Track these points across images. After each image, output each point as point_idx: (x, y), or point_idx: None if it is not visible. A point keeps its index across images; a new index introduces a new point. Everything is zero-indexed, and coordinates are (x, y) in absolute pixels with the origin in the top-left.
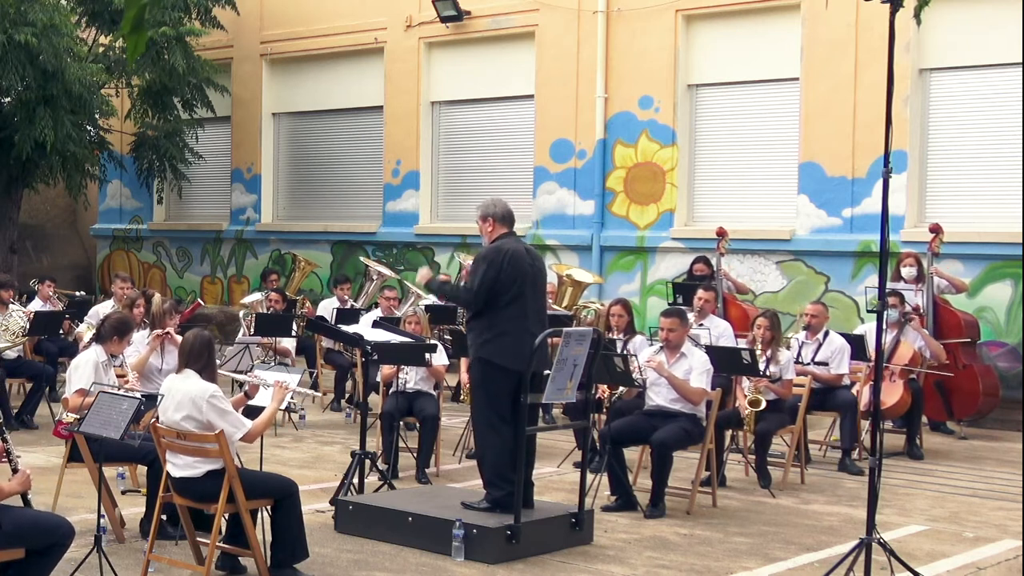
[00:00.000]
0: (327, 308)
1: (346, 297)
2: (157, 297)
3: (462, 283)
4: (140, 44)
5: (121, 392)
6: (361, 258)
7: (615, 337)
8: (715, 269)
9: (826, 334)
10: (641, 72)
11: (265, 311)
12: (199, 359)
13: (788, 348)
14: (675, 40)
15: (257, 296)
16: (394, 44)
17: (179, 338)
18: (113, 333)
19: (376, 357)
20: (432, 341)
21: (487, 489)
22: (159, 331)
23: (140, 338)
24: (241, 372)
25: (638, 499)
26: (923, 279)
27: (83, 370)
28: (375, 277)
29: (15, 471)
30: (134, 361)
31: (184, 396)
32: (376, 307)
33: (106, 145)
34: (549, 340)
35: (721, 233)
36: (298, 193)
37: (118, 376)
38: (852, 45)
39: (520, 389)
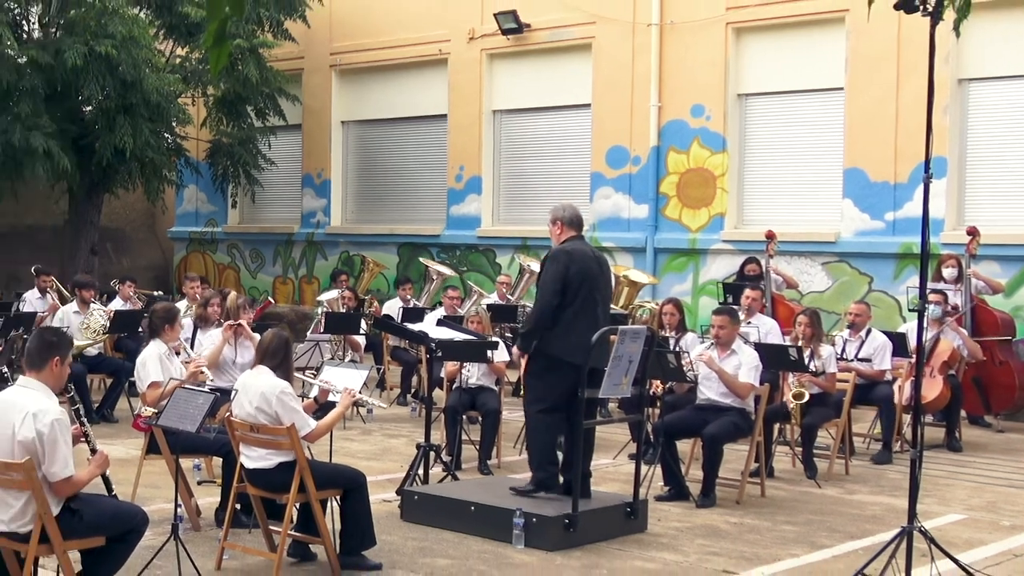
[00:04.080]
0: (393, 308)
1: (408, 297)
2: (232, 294)
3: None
4: (222, 57)
5: (196, 387)
6: (420, 259)
7: (668, 335)
8: (764, 270)
9: (869, 332)
10: (693, 82)
11: (341, 308)
12: (274, 357)
13: (833, 344)
14: (725, 52)
15: (334, 294)
16: (457, 55)
17: (252, 333)
18: (163, 323)
19: (440, 354)
20: (494, 339)
21: (533, 472)
22: (231, 322)
23: (217, 335)
24: (312, 369)
25: (690, 489)
26: (962, 279)
27: (150, 365)
28: (435, 277)
29: (93, 452)
30: (208, 353)
31: (256, 391)
32: (440, 306)
33: (183, 152)
34: (604, 338)
35: (770, 236)
36: (366, 197)
37: (184, 363)
38: (894, 57)
39: (578, 383)
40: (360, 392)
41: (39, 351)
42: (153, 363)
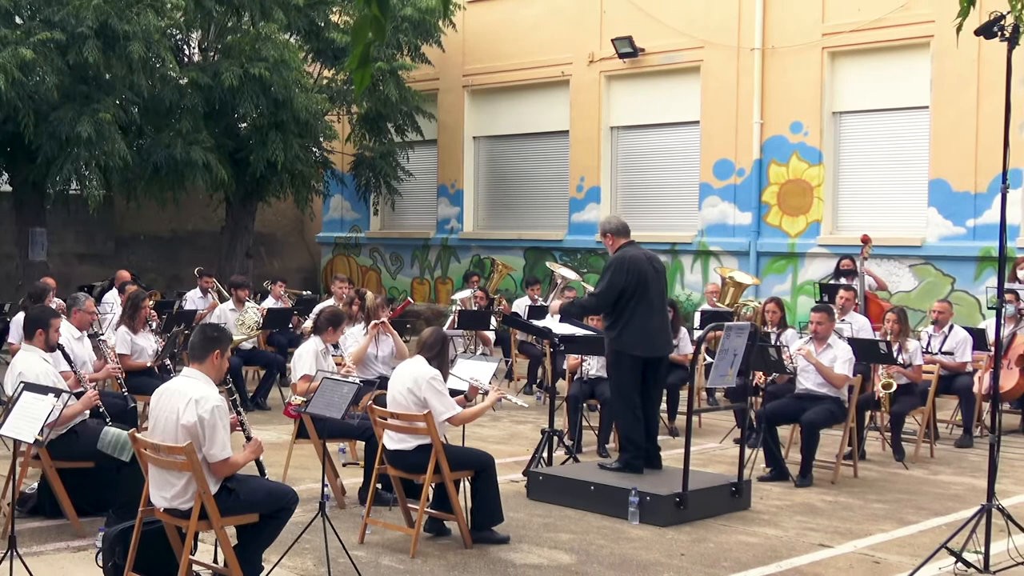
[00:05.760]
0: (521, 306)
1: (536, 297)
2: (370, 295)
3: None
4: (366, 78)
5: (341, 378)
6: (548, 263)
7: (769, 331)
8: (858, 270)
9: (951, 328)
10: (792, 101)
11: (473, 307)
12: (431, 350)
13: (919, 339)
14: (822, 73)
15: (467, 293)
16: (578, 77)
17: (392, 328)
18: (328, 325)
19: (563, 348)
20: None
21: (620, 452)
22: (376, 322)
23: (357, 331)
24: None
25: (789, 471)
26: None
27: (306, 359)
28: (559, 281)
29: (248, 439)
30: (354, 351)
31: (409, 375)
32: None
33: (329, 164)
34: (712, 333)
35: (865, 240)
36: (495, 205)
37: (336, 364)
38: (975, 78)
39: (648, 370)
40: (490, 382)
41: (201, 345)
42: (309, 357)
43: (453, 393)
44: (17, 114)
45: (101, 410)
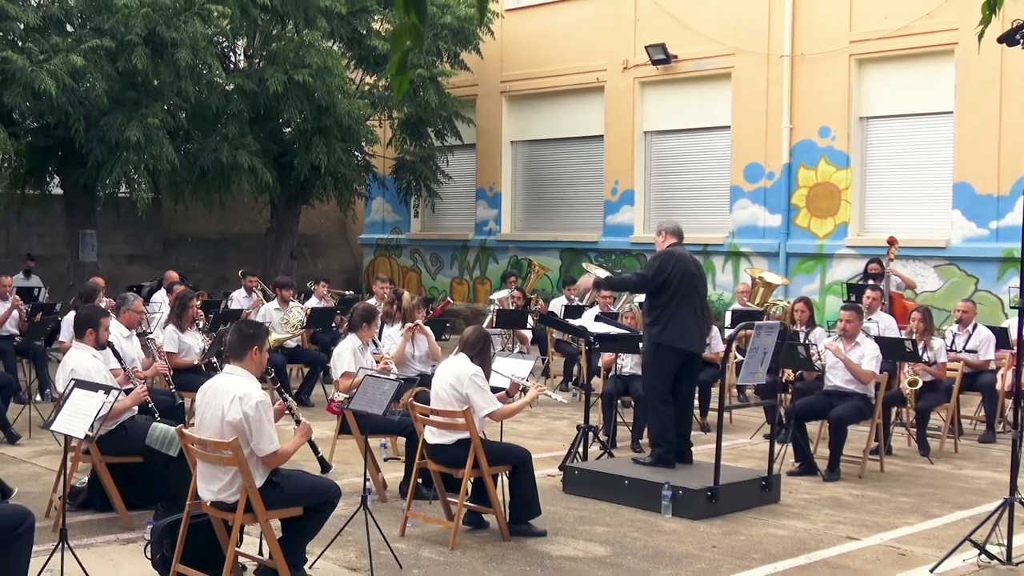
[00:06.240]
0: (557, 305)
1: (572, 297)
2: (406, 295)
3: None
4: (404, 84)
5: (383, 375)
6: (583, 264)
7: (798, 329)
8: (884, 270)
9: (975, 326)
10: (820, 106)
11: (511, 306)
12: (473, 347)
13: (943, 338)
14: (849, 80)
15: (504, 293)
16: (613, 83)
17: (427, 329)
18: (362, 321)
19: (598, 346)
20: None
21: (652, 447)
22: (411, 324)
23: (395, 331)
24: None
25: (817, 465)
26: None
27: (345, 356)
28: None
29: (298, 423)
30: (393, 353)
31: (452, 372)
32: (595, 305)
33: (371, 168)
34: (743, 332)
35: (891, 241)
36: (532, 208)
37: (376, 361)
38: (998, 84)
39: (683, 367)
40: (527, 379)
41: (239, 342)
42: (348, 355)
43: (495, 390)
44: (68, 119)
45: (150, 406)
